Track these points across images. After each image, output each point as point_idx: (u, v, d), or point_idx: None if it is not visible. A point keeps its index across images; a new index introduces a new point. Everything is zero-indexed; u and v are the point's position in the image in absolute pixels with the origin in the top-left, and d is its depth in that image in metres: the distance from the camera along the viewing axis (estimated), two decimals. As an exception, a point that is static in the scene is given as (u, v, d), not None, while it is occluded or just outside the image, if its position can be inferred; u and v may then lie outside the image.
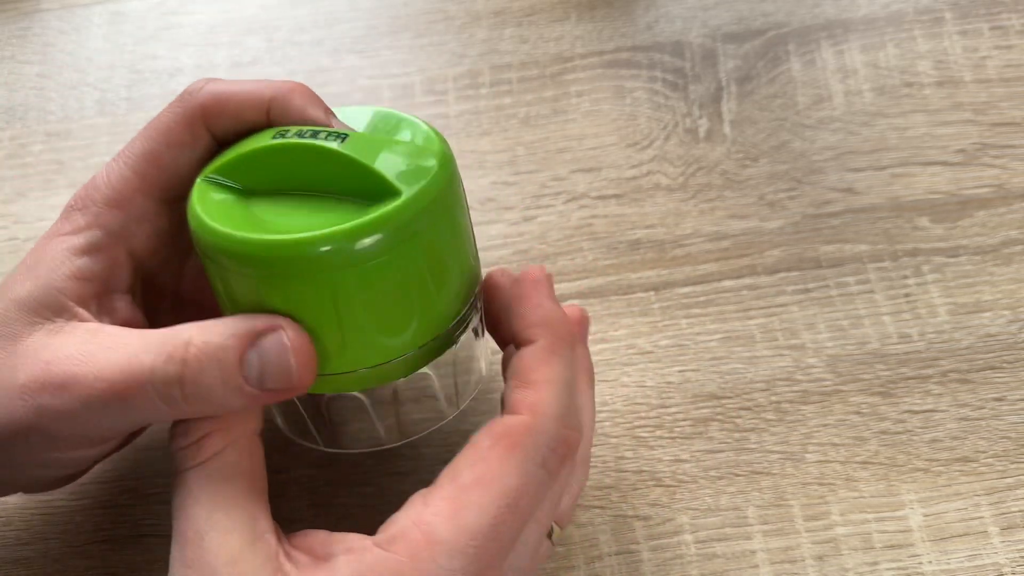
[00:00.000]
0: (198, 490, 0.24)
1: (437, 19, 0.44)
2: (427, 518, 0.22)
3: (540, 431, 0.23)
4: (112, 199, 0.26)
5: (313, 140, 0.24)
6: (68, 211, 0.27)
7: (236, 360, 0.23)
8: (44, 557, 0.33)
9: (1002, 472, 0.32)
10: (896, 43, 0.41)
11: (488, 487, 0.22)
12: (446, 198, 0.25)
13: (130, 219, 0.27)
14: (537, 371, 0.25)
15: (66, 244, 0.26)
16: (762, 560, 0.31)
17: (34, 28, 0.45)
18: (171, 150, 0.27)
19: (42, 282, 0.25)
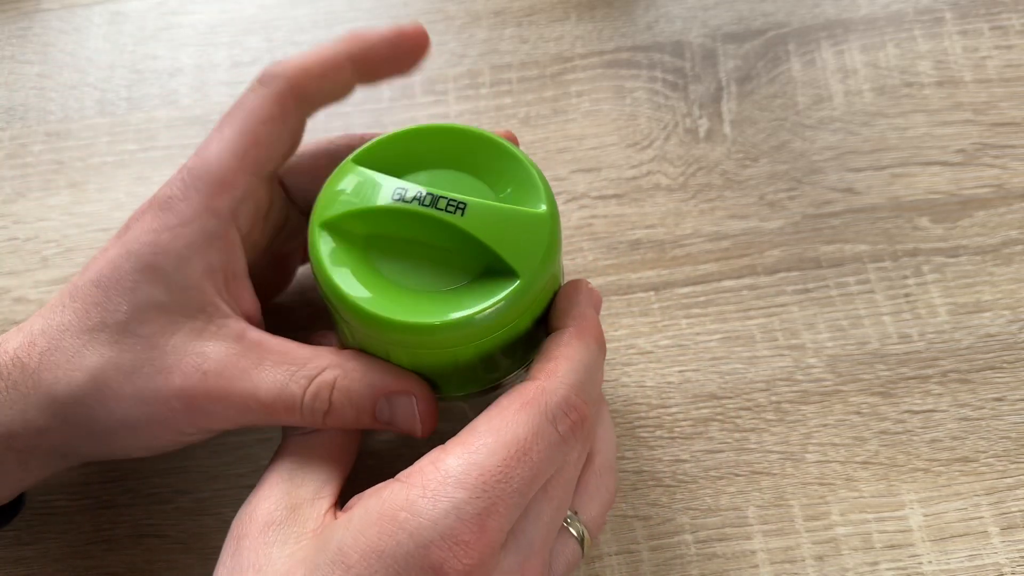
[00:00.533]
0: (292, 451, 0.27)
1: (437, 19, 0.44)
2: (443, 457, 0.24)
3: (551, 391, 0.25)
4: (220, 183, 0.27)
5: (434, 210, 0.26)
6: (168, 201, 0.27)
7: (371, 409, 0.27)
8: (44, 557, 0.33)
9: (1002, 472, 0.32)
10: (896, 43, 0.41)
11: (499, 433, 0.24)
12: (553, 263, 0.27)
13: (236, 200, 0.28)
14: (559, 349, 0.27)
15: (185, 239, 0.27)
16: (762, 560, 0.31)
17: (34, 28, 0.45)
18: (267, 126, 0.28)
19: (174, 282, 0.27)
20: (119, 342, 0.26)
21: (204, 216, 0.27)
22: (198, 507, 0.33)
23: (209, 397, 0.27)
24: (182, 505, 0.34)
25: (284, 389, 0.27)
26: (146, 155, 0.41)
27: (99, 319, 0.27)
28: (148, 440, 0.28)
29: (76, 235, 0.39)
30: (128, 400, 0.27)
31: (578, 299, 0.28)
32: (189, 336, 0.27)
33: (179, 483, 0.34)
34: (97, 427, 0.27)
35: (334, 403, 0.27)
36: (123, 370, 0.26)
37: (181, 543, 0.33)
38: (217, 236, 0.27)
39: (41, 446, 0.28)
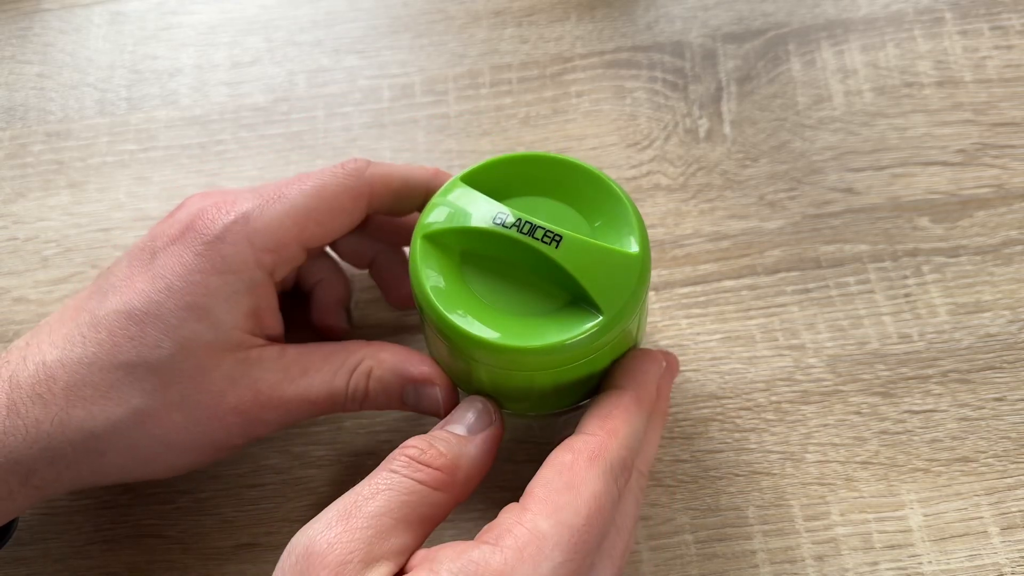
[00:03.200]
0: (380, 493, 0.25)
1: (437, 19, 0.44)
2: (530, 518, 0.24)
3: (614, 450, 0.26)
4: (271, 244, 0.29)
5: (531, 238, 0.27)
6: (215, 242, 0.28)
7: (399, 395, 0.30)
8: (44, 557, 0.33)
9: (1002, 472, 0.32)
10: (896, 43, 0.41)
11: (578, 491, 0.25)
12: (638, 304, 0.27)
13: (282, 261, 0.29)
14: (618, 409, 0.27)
15: (232, 287, 0.28)
16: (762, 560, 0.31)
17: (34, 28, 0.45)
18: (334, 214, 0.30)
19: (220, 323, 0.28)
20: (162, 377, 0.27)
21: (252, 268, 0.28)
22: (198, 507, 0.33)
23: (265, 408, 0.29)
24: (182, 505, 0.34)
25: (331, 386, 0.29)
26: (146, 155, 0.41)
27: (135, 354, 0.27)
28: (193, 458, 0.29)
29: (76, 235, 0.39)
30: (178, 426, 0.28)
31: (648, 367, 0.29)
32: (234, 364, 0.28)
33: (179, 483, 0.34)
34: (138, 453, 0.28)
35: (370, 391, 0.30)
36: (170, 402, 0.27)
37: (181, 543, 0.33)
38: (259, 284, 0.29)
39: (63, 479, 0.27)
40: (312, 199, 0.29)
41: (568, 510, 0.24)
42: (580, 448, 0.26)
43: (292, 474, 0.34)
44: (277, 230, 0.29)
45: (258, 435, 0.30)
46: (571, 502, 0.24)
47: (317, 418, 0.35)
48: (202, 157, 0.41)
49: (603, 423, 0.27)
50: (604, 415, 0.27)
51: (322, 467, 0.34)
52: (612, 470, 0.26)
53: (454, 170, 0.39)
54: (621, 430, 0.27)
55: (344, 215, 0.30)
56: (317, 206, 0.29)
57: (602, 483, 0.25)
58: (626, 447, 0.26)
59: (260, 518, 0.33)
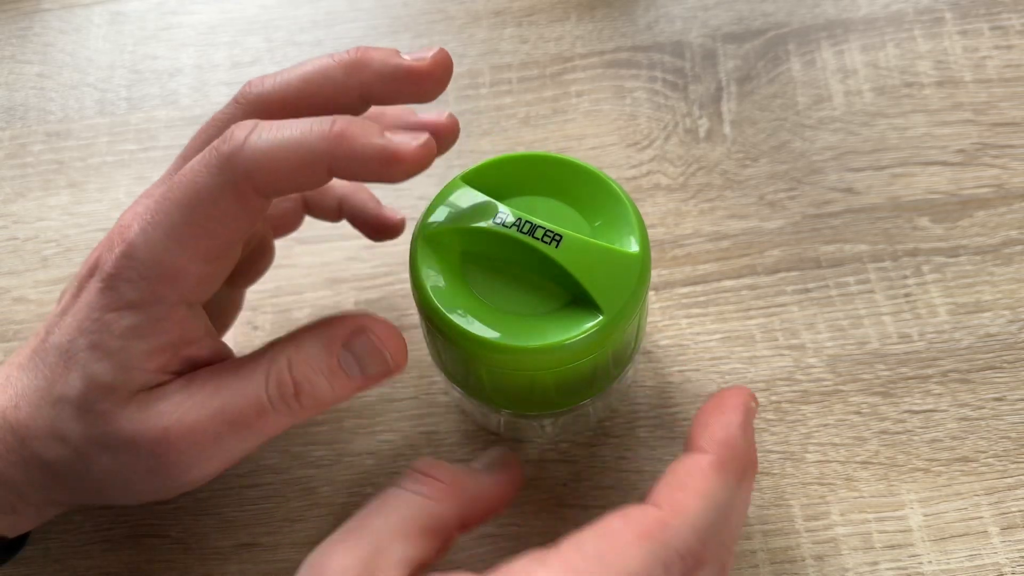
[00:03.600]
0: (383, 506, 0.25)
1: (437, 19, 0.44)
2: (542, 572, 0.22)
3: (675, 532, 0.23)
4: (162, 275, 0.25)
5: (531, 238, 0.26)
6: (109, 278, 0.25)
7: (336, 365, 0.26)
8: (44, 557, 0.33)
9: (1002, 472, 0.32)
10: (896, 43, 0.41)
11: (609, 565, 0.22)
12: (639, 303, 0.27)
13: (183, 286, 0.25)
14: (695, 479, 0.24)
15: (126, 321, 0.25)
16: (762, 560, 0.31)
17: (34, 28, 0.45)
18: (217, 223, 0.25)
19: (118, 362, 0.25)
20: (82, 417, 0.26)
21: (148, 303, 0.25)
22: (198, 507, 0.33)
23: (179, 446, 0.25)
24: (182, 505, 0.34)
25: (248, 396, 0.25)
26: (146, 155, 0.41)
27: (60, 391, 0.26)
28: (141, 494, 0.28)
29: (76, 235, 0.39)
30: (108, 464, 0.26)
31: (730, 420, 0.25)
32: (137, 407, 0.26)
33: (179, 483, 0.34)
34: (93, 486, 0.27)
35: (298, 380, 0.26)
36: (95, 442, 0.26)
37: (181, 543, 0.33)
38: (163, 319, 0.25)
39: (52, 499, 0.28)
40: (189, 210, 0.24)
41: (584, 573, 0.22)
42: (636, 518, 0.23)
43: (292, 474, 0.34)
44: (166, 259, 0.25)
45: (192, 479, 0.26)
46: (593, 573, 0.22)
47: (307, 421, 0.35)
48: (202, 157, 0.41)
49: (672, 494, 0.24)
50: (676, 484, 0.24)
51: (322, 467, 0.34)
52: (664, 554, 0.22)
53: (454, 170, 0.39)
54: (691, 508, 0.23)
55: (232, 217, 0.25)
56: (196, 218, 0.24)
57: (643, 566, 0.22)
58: (694, 530, 0.23)
59: (260, 518, 0.33)
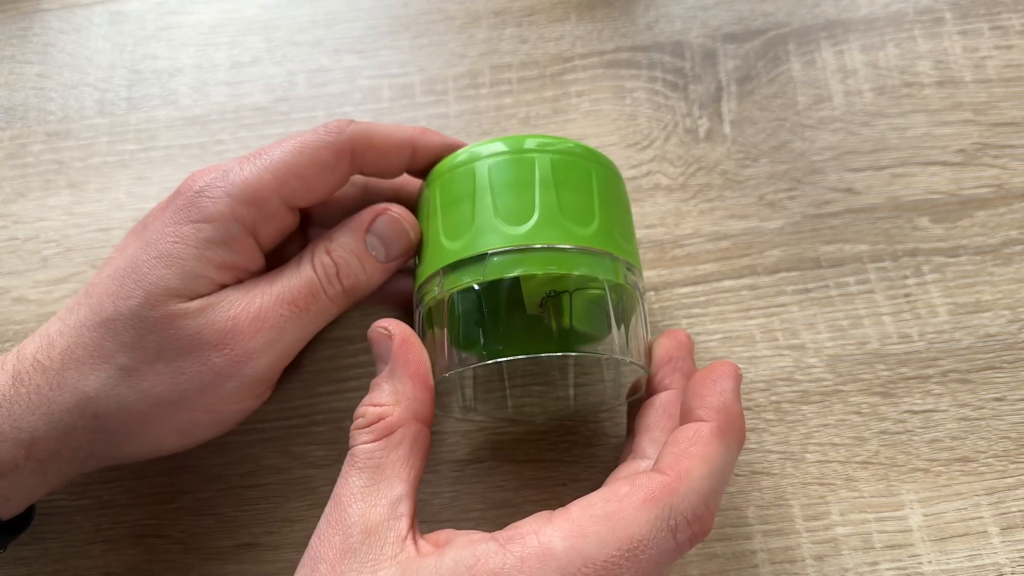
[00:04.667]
0: (361, 464, 0.26)
1: (437, 19, 0.44)
2: (548, 531, 0.23)
3: (682, 497, 0.24)
4: (249, 196, 0.28)
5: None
6: (195, 196, 0.28)
7: (363, 247, 0.30)
8: (44, 557, 0.33)
9: (1002, 472, 0.32)
10: (896, 43, 0.41)
11: (615, 527, 0.23)
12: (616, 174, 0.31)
13: (261, 216, 0.29)
14: (698, 446, 0.25)
15: (204, 234, 0.28)
16: (762, 560, 0.31)
17: (34, 28, 0.45)
18: (315, 169, 0.29)
19: (188, 270, 0.28)
20: (137, 328, 0.27)
21: (227, 219, 0.28)
22: (198, 507, 0.33)
23: (248, 331, 0.28)
24: (182, 505, 0.34)
25: (298, 279, 0.29)
26: (146, 155, 0.41)
27: (112, 309, 0.27)
28: (185, 418, 0.28)
29: (76, 235, 0.39)
30: (162, 375, 0.27)
31: (724, 387, 0.27)
32: (202, 308, 0.28)
33: (179, 483, 0.34)
34: (132, 415, 0.27)
35: (337, 261, 0.30)
36: (149, 352, 0.27)
37: (181, 543, 0.33)
38: (235, 239, 0.28)
39: (63, 451, 0.28)
40: (292, 155, 0.29)
41: (592, 540, 0.23)
42: (642, 484, 0.24)
43: (292, 474, 0.34)
44: (256, 183, 0.29)
45: (253, 371, 0.28)
46: (599, 534, 0.23)
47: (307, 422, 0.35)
48: (202, 157, 0.41)
49: (677, 461, 0.24)
50: (680, 452, 0.25)
51: (322, 467, 0.34)
52: (671, 517, 0.23)
53: (454, 170, 0.39)
54: (696, 472, 0.24)
55: (326, 171, 0.30)
56: (297, 161, 0.29)
57: (650, 529, 0.23)
58: (700, 493, 0.24)
59: (260, 518, 0.33)
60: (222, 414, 0.29)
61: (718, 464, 0.25)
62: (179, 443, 0.29)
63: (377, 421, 0.27)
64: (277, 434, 0.35)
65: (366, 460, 0.26)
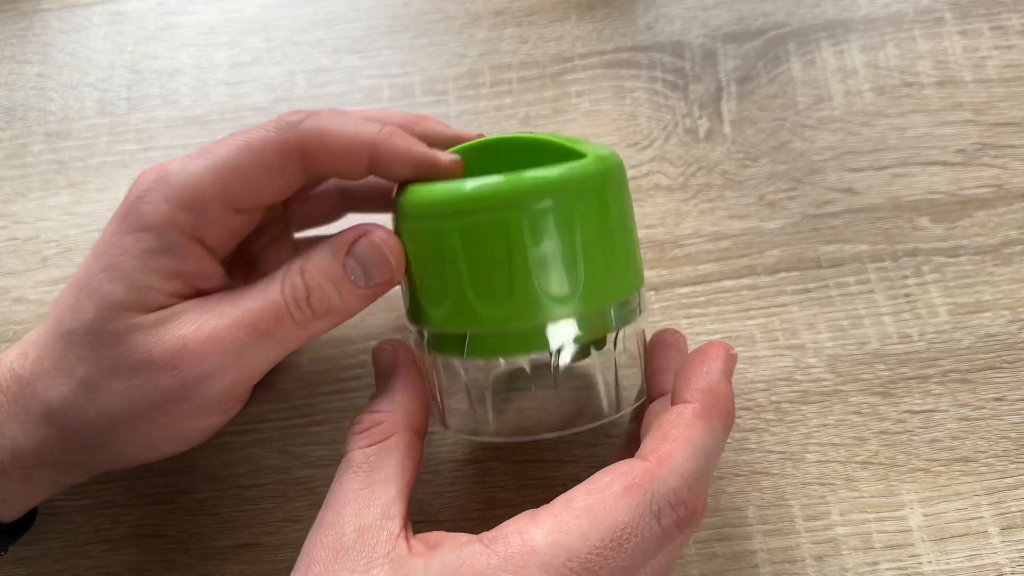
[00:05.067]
0: (356, 467, 0.26)
1: (437, 19, 0.44)
2: (531, 529, 0.23)
3: (661, 480, 0.23)
4: (188, 201, 0.27)
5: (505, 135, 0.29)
6: (135, 203, 0.27)
7: (342, 272, 0.27)
8: (44, 557, 0.33)
9: (1002, 472, 0.32)
10: (896, 43, 0.41)
11: (596, 517, 0.23)
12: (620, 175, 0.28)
13: (203, 221, 0.27)
14: (680, 428, 0.25)
15: (143, 244, 0.27)
16: (762, 560, 0.31)
17: (34, 28, 0.45)
18: (259, 170, 0.27)
19: (133, 282, 0.26)
20: (92, 341, 0.26)
21: (166, 226, 0.27)
22: (198, 507, 0.33)
23: (198, 353, 0.26)
24: (182, 505, 0.34)
25: (264, 300, 0.27)
26: (146, 155, 0.41)
27: (71, 323, 0.27)
28: (148, 435, 0.27)
29: (76, 235, 0.39)
30: (117, 393, 0.26)
31: (710, 367, 0.26)
32: (156, 324, 0.26)
33: (179, 483, 0.34)
34: (94, 429, 0.27)
35: (310, 284, 0.27)
36: (104, 368, 0.26)
37: (181, 543, 0.33)
38: (178, 247, 0.27)
39: (44, 460, 0.28)
40: (236, 154, 0.27)
41: (575, 534, 0.23)
42: (623, 472, 0.24)
43: (292, 474, 0.34)
44: (196, 186, 0.27)
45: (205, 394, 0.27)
46: (581, 527, 0.23)
47: (308, 422, 0.35)
48: (202, 157, 0.41)
49: (658, 446, 0.24)
50: (661, 436, 0.25)
51: (322, 467, 0.34)
52: (652, 503, 0.23)
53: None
54: (677, 455, 0.24)
55: (272, 173, 0.27)
56: (240, 162, 0.27)
57: (632, 516, 0.23)
58: (681, 476, 0.24)
59: (260, 518, 0.33)
60: (184, 431, 0.28)
61: (701, 445, 0.24)
62: (148, 456, 0.29)
63: (372, 427, 0.27)
64: (277, 434, 0.35)
65: (360, 464, 0.26)
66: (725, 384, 0.26)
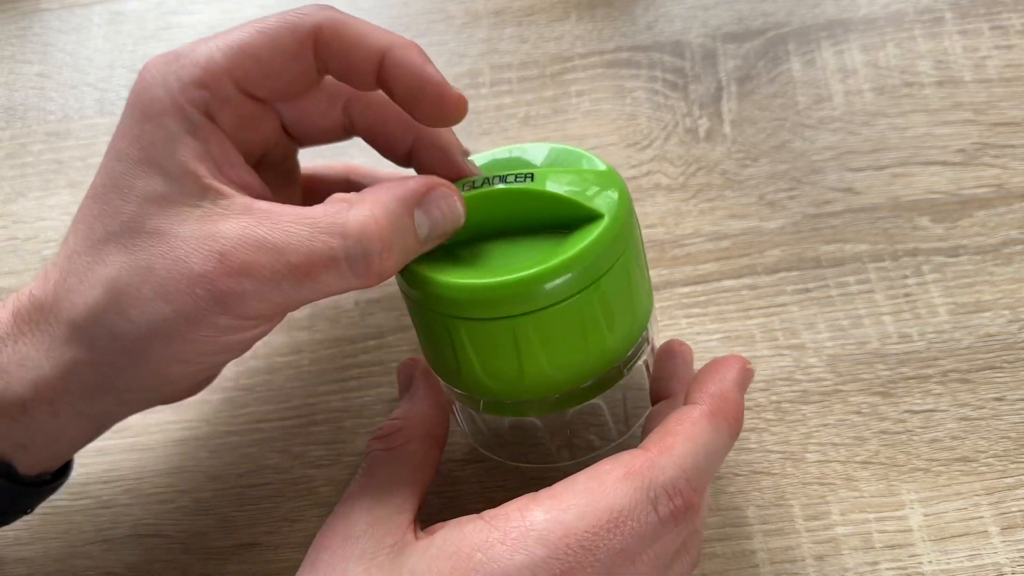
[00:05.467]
0: (373, 467, 0.27)
1: (437, 19, 0.44)
2: (531, 507, 0.24)
3: (660, 468, 0.24)
4: (199, 77, 0.26)
5: (504, 185, 0.26)
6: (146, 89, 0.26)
7: (412, 226, 0.25)
8: (44, 557, 0.33)
9: (1002, 472, 0.32)
10: (896, 43, 0.41)
11: (595, 498, 0.23)
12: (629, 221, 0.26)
13: (217, 101, 0.26)
14: (685, 426, 0.25)
15: (168, 128, 0.25)
16: (762, 560, 0.31)
17: (34, 28, 0.45)
18: (273, 53, 0.26)
19: (169, 170, 0.25)
20: (128, 245, 0.25)
21: (183, 106, 0.25)
22: (198, 507, 0.33)
23: (232, 274, 0.24)
24: (182, 505, 0.34)
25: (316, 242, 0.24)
26: (146, 155, 0.41)
27: (102, 230, 0.25)
28: (183, 348, 0.25)
29: (76, 235, 0.39)
30: (149, 302, 0.25)
31: (724, 376, 0.27)
32: (199, 222, 0.25)
33: (179, 483, 0.34)
34: (124, 344, 0.25)
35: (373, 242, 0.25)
36: (138, 271, 0.25)
37: (181, 543, 0.33)
38: (198, 125, 0.26)
39: (71, 387, 0.26)
40: (249, 34, 0.26)
41: (573, 512, 0.23)
42: (624, 460, 0.24)
43: (292, 474, 0.34)
44: (206, 62, 0.26)
45: (247, 313, 0.25)
46: (579, 506, 0.23)
47: (307, 422, 0.35)
48: (202, 157, 0.41)
49: (661, 439, 0.25)
50: (665, 431, 0.25)
51: (322, 467, 0.34)
52: (650, 489, 0.23)
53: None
54: (678, 448, 0.24)
55: (286, 57, 0.26)
56: (253, 40, 0.26)
57: (629, 500, 0.23)
58: (680, 468, 0.24)
59: (260, 518, 0.33)
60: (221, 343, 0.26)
61: (703, 444, 0.25)
62: (185, 371, 0.27)
63: (392, 433, 0.28)
64: (277, 434, 0.35)
65: (377, 464, 0.27)
66: (736, 392, 0.26)
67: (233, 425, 0.35)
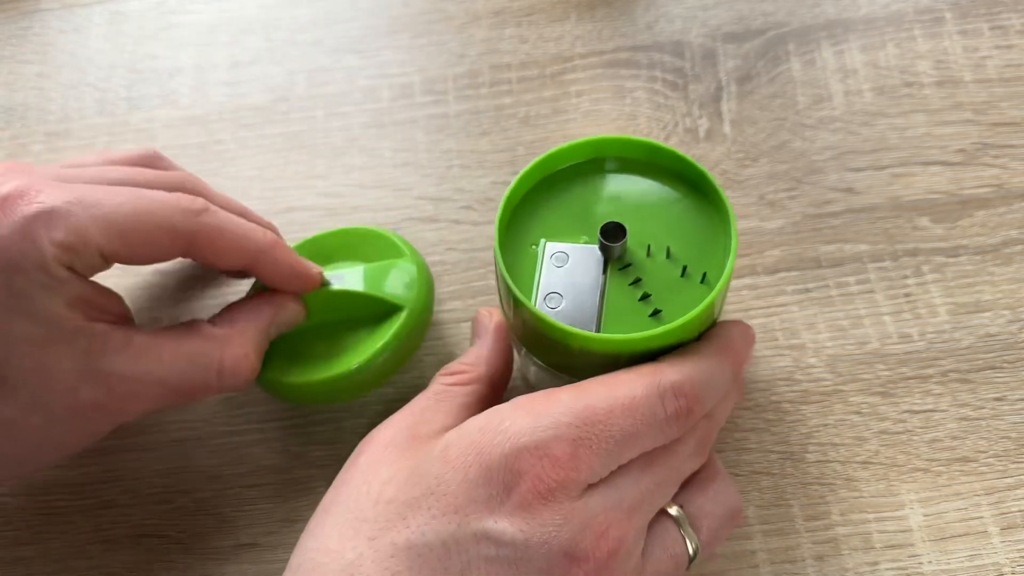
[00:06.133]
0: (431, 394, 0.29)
1: (437, 19, 0.44)
2: (556, 392, 0.26)
3: (667, 372, 0.26)
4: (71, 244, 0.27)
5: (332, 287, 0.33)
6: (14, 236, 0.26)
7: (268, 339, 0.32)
8: (44, 557, 0.33)
9: (1002, 472, 0.32)
10: (896, 43, 0.41)
11: (612, 387, 0.26)
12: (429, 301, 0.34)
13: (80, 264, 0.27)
14: (691, 352, 0.27)
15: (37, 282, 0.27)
16: (762, 560, 0.31)
17: (34, 28, 0.45)
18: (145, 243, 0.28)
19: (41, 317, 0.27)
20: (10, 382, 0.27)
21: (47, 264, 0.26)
22: (198, 507, 0.33)
23: (124, 401, 0.28)
24: (182, 505, 0.34)
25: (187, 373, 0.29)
26: (146, 155, 0.41)
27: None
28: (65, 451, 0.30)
29: (76, 235, 0.39)
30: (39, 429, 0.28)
31: (732, 332, 0.29)
32: (78, 358, 0.27)
33: (179, 483, 0.34)
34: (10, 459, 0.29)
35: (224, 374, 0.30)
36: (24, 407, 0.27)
37: (181, 543, 0.33)
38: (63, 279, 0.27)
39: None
40: (130, 219, 0.28)
41: (593, 395, 0.25)
42: (638, 368, 0.27)
43: (292, 474, 0.34)
44: (80, 232, 0.27)
45: (126, 421, 0.29)
46: (599, 391, 0.25)
47: (306, 422, 0.35)
48: (201, 157, 0.41)
49: (672, 358, 0.27)
50: (676, 353, 0.28)
51: (322, 467, 0.34)
52: (658, 387, 0.26)
53: (454, 170, 0.39)
54: (684, 362, 0.27)
55: (158, 248, 0.29)
56: (133, 228, 0.28)
57: (643, 391, 0.25)
58: (686, 374, 0.26)
59: (260, 518, 0.33)
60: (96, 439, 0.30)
61: (706, 367, 0.27)
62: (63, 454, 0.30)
63: (457, 372, 0.30)
64: (277, 434, 0.35)
65: (436, 392, 0.29)
66: (739, 341, 0.29)
67: (233, 425, 0.35)
